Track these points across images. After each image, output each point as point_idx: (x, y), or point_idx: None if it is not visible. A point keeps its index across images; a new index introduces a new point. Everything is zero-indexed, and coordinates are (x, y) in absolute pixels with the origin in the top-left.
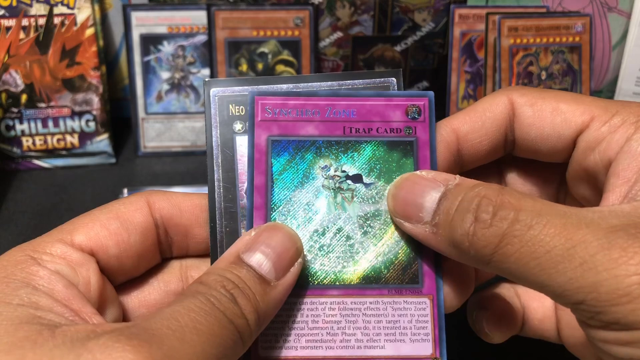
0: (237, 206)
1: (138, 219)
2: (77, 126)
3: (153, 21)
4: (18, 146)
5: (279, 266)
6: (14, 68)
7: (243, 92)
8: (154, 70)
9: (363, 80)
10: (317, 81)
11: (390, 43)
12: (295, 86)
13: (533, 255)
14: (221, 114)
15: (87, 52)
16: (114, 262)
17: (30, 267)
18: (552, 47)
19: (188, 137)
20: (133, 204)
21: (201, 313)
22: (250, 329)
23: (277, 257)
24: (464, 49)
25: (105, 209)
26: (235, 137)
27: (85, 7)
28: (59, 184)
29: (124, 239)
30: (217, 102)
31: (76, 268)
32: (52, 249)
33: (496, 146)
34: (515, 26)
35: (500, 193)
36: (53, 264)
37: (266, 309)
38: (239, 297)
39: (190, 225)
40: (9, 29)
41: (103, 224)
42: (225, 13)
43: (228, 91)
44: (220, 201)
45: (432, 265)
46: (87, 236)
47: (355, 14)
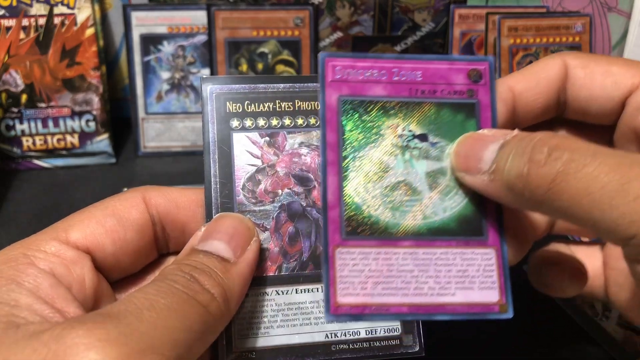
0: (233, 201)
1: (134, 216)
2: (77, 126)
3: (153, 21)
4: (18, 146)
5: (235, 245)
6: (14, 68)
7: (240, 90)
8: (154, 70)
9: None
10: (314, 81)
11: (390, 43)
12: (292, 86)
13: (587, 191)
14: (218, 111)
15: (87, 52)
16: (110, 260)
17: (19, 265)
18: (552, 47)
19: (188, 137)
20: (129, 200)
21: (159, 294)
22: (218, 303)
23: (231, 238)
24: (464, 49)
25: (101, 205)
26: (232, 133)
27: (85, 7)
28: (59, 184)
29: (120, 236)
30: (214, 99)
31: (70, 266)
32: (46, 246)
33: (549, 105)
34: (515, 26)
35: (554, 136)
36: (45, 262)
37: (232, 285)
38: (198, 275)
39: (187, 221)
40: (9, 29)
41: (99, 221)
42: (225, 13)
43: (225, 88)
44: (216, 197)
45: (495, 218)
46: (83, 234)
47: (355, 14)
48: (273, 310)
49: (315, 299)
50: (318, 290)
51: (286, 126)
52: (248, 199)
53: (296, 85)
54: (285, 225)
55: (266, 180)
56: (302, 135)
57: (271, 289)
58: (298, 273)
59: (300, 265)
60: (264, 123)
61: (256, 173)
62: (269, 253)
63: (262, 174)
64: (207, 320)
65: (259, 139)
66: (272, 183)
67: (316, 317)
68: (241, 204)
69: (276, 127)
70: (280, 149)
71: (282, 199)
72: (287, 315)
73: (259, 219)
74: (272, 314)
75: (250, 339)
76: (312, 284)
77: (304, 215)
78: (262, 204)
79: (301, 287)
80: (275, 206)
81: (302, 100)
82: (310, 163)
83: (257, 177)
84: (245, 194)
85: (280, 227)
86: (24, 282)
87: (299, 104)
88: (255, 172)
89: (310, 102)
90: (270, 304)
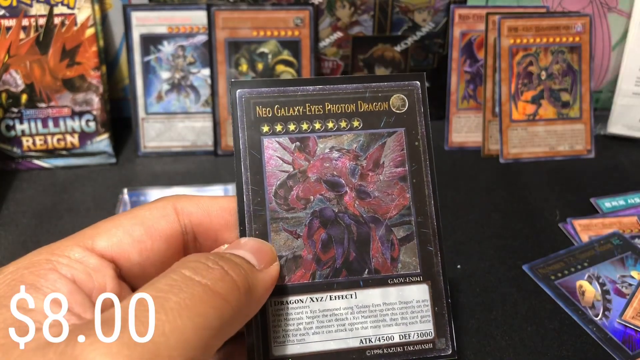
0: (265, 208)
1: (163, 226)
2: (77, 126)
3: (153, 21)
4: (18, 146)
5: (260, 259)
6: (14, 68)
7: (269, 93)
8: (154, 70)
9: (388, 83)
10: (343, 83)
11: (390, 43)
12: (322, 88)
13: None
14: (248, 116)
15: (87, 52)
16: (135, 269)
17: (40, 270)
18: (552, 47)
19: (188, 137)
20: (159, 210)
21: (172, 289)
22: (239, 293)
23: (256, 252)
24: (463, 49)
25: (130, 214)
26: (262, 139)
27: (86, 7)
28: (59, 184)
29: (147, 247)
30: (243, 104)
31: (92, 273)
32: (70, 252)
33: None
34: (515, 26)
35: None
36: (68, 268)
37: (255, 284)
38: (224, 263)
39: (221, 230)
40: (9, 29)
41: (126, 230)
42: (225, 13)
43: (254, 92)
44: (249, 204)
45: None
46: (109, 243)
47: (355, 14)
48: (308, 317)
49: (349, 305)
50: (352, 297)
51: (316, 130)
52: (280, 206)
53: (326, 87)
54: (318, 232)
55: (298, 187)
56: (332, 139)
57: (306, 296)
58: (332, 280)
59: (334, 272)
60: (294, 127)
61: (288, 179)
62: (303, 260)
63: (293, 180)
64: (224, 314)
65: (289, 144)
66: (303, 189)
67: (350, 322)
68: (273, 211)
69: (306, 131)
70: (311, 154)
71: (314, 206)
72: (322, 322)
73: (291, 226)
74: (308, 321)
75: (287, 345)
76: (345, 290)
77: (337, 221)
78: (294, 211)
79: (335, 294)
80: (307, 213)
81: (332, 102)
82: (341, 168)
83: (289, 183)
84: (277, 201)
85: (313, 234)
86: (42, 287)
87: (329, 107)
88: (286, 179)
89: (340, 104)
90: (306, 310)
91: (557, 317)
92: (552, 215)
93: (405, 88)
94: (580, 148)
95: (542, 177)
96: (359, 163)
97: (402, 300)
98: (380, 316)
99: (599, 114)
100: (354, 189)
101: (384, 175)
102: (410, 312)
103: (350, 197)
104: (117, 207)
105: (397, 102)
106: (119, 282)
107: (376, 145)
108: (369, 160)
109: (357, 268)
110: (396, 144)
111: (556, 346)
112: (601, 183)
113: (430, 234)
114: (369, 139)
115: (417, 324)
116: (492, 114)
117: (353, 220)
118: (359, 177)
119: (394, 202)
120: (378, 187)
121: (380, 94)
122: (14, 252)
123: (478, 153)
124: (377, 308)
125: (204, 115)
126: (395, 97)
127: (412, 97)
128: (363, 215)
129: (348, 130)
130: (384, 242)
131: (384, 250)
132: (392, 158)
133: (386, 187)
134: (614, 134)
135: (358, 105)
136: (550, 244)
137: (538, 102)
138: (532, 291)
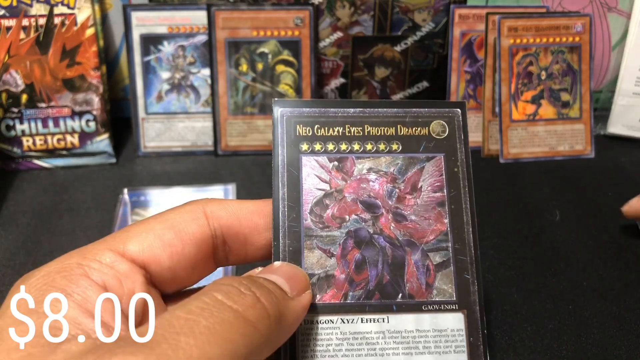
0: (300, 225)
1: (193, 229)
2: (77, 126)
3: (153, 21)
4: (18, 146)
5: (293, 286)
6: (14, 68)
7: (310, 114)
8: (154, 70)
9: (429, 109)
10: (384, 107)
11: (390, 43)
12: (362, 111)
13: None
14: (288, 134)
15: (87, 52)
16: (166, 273)
17: (72, 275)
18: (552, 47)
19: (188, 137)
20: (190, 214)
21: (203, 312)
22: (269, 322)
23: (289, 279)
24: (463, 49)
25: (160, 217)
26: (301, 157)
27: (86, 7)
28: (59, 184)
29: (178, 250)
30: (284, 122)
31: (122, 279)
32: (102, 257)
33: None
34: (515, 26)
35: None
36: (98, 273)
37: (287, 313)
38: (256, 290)
39: (250, 233)
40: (9, 29)
41: (157, 234)
42: (225, 13)
43: (296, 112)
44: (284, 220)
45: None
46: (140, 247)
47: (355, 14)
48: (338, 339)
49: (381, 329)
50: (384, 321)
51: (355, 151)
52: (315, 224)
53: (366, 110)
54: (352, 252)
55: (334, 206)
56: (370, 160)
57: (337, 317)
58: (364, 302)
59: (366, 294)
60: (333, 147)
61: (324, 197)
62: (335, 280)
63: (329, 199)
64: (253, 342)
65: (327, 163)
66: (339, 208)
67: (382, 347)
68: (308, 228)
69: (345, 151)
70: (349, 174)
71: (349, 225)
72: (352, 345)
73: (325, 244)
74: (337, 343)
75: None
76: (378, 314)
77: (371, 242)
78: (329, 230)
79: (367, 317)
80: (342, 232)
81: (372, 125)
82: (378, 190)
83: (325, 201)
84: (312, 218)
85: (347, 254)
86: (73, 294)
87: (369, 129)
88: (323, 197)
89: (379, 127)
90: (336, 332)
91: (557, 317)
92: (552, 216)
93: (445, 115)
94: (580, 148)
95: (542, 177)
96: (396, 186)
97: (435, 328)
98: (412, 343)
99: (599, 114)
100: (390, 212)
101: (421, 199)
102: (444, 341)
103: (386, 219)
104: (117, 207)
105: (437, 128)
106: (149, 287)
107: (414, 169)
108: (406, 183)
109: (391, 291)
110: (435, 168)
111: (556, 346)
112: (601, 183)
113: (468, 261)
114: (408, 162)
115: (451, 354)
116: (492, 114)
117: (388, 242)
118: (396, 200)
119: (431, 227)
120: (415, 211)
121: (421, 119)
122: (14, 252)
123: (478, 153)
124: (409, 334)
125: (204, 115)
126: (435, 123)
127: (453, 124)
128: (399, 239)
129: (387, 153)
130: (419, 267)
131: (419, 275)
132: (431, 183)
133: (423, 211)
134: (614, 134)
135: (398, 129)
136: (550, 244)
137: (538, 102)
138: (532, 291)
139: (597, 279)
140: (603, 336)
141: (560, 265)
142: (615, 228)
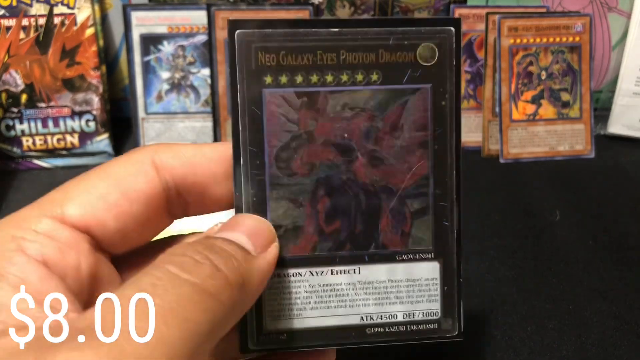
0: (265, 173)
1: (141, 185)
2: (77, 126)
3: (153, 21)
4: (18, 146)
5: (255, 242)
6: (14, 68)
7: (275, 37)
8: (154, 70)
9: (418, 28)
10: (364, 26)
11: None
12: (338, 32)
13: None
14: (248, 63)
15: (87, 52)
16: (114, 236)
17: (6, 252)
18: (552, 47)
19: (188, 137)
20: (136, 166)
21: (155, 290)
22: (231, 291)
23: (252, 234)
24: (464, 49)
25: (103, 172)
26: (264, 92)
27: (85, 7)
28: (59, 184)
29: (125, 210)
30: (243, 49)
31: (65, 250)
32: (38, 225)
33: None
34: (515, 26)
35: None
36: (36, 246)
37: (250, 276)
38: (214, 257)
39: (208, 184)
40: (9, 28)
41: (100, 193)
42: (225, 13)
43: (257, 34)
44: (246, 167)
45: None
46: (82, 210)
47: (355, 14)
48: (306, 292)
49: (351, 280)
50: (355, 272)
51: (328, 84)
52: (281, 171)
53: (343, 32)
54: (322, 201)
55: (303, 150)
56: (346, 95)
57: (305, 270)
58: (334, 253)
59: (337, 244)
60: (302, 80)
61: (291, 141)
62: (304, 231)
63: (298, 142)
64: (216, 316)
65: (295, 100)
66: (309, 153)
67: (352, 299)
68: (274, 176)
69: (316, 84)
70: (320, 112)
71: (320, 172)
72: (321, 297)
73: (293, 193)
74: (306, 295)
75: (281, 320)
76: (348, 265)
77: (344, 190)
78: (297, 177)
79: (337, 268)
80: (311, 179)
81: (348, 50)
82: (354, 129)
83: (293, 145)
84: (278, 164)
85: (316, 204)
86: (7, 275)
87: (344, 56)
88: (290, 140)
89: (357, 53)
90: (304, 284)
91: (557, 317)
92: (552, 216)
93: (436, 35)
94: (580, 148)
95: (542, 177)
96: (374, 124)
97: (409, 278)
98: (384, 293)
99: (599, 114)
100: (366, 155)
101: (402, 139)
102: (417, 291)
103: (361, 163)
104: None
105: (425, 53)
106: (96, 255)
107: (396, 105)
108: (386, 121)
109: (363, 242)
110: (420, 103)
111: (556, 346)
112: (601, 183)
113: (448, 207)
114: (389, 96)
115: (424, 303)
116: (492, 114)
117: (362, 189)
118: (373, 141)
119: (410, 171)
120: (394, 153)
121: (407, 41)
122: None
123: (478, 153)
124: (381, 285)
125: (204, 115)
126: (423, 47)
127: (444, 46)
128: (374, 185)
129: (365, 85)
130: (395, 215)
131: (394, 224)
132: (414, 120)
133: (403, 153)
134: (614, 134)
135: (379, 55)
136: (550, 244)
137: (538, 102)
138: (532, 291)
139: (597, 279)
140: (603, 336)
141: (560, 265)
142: (616, 228)
